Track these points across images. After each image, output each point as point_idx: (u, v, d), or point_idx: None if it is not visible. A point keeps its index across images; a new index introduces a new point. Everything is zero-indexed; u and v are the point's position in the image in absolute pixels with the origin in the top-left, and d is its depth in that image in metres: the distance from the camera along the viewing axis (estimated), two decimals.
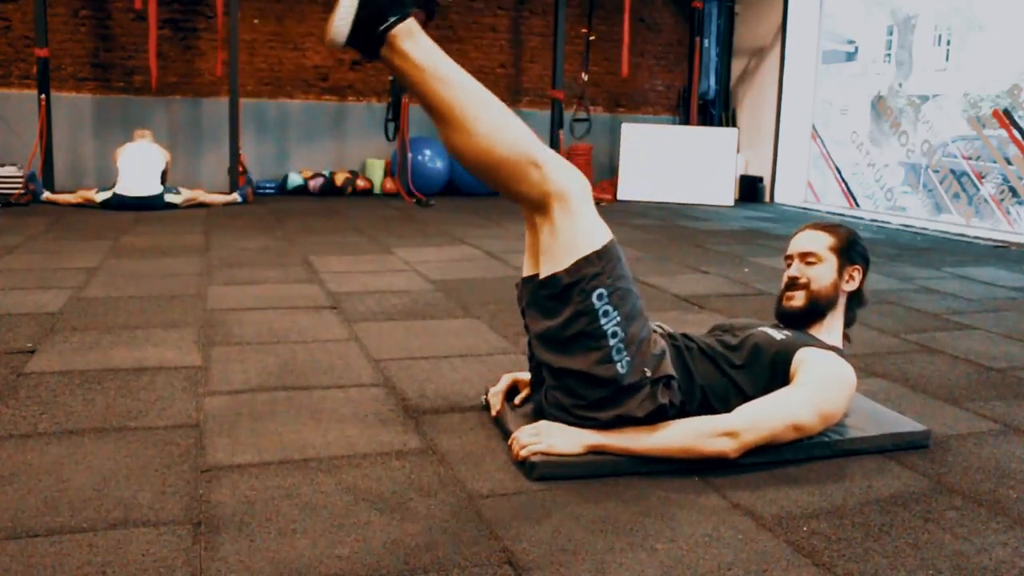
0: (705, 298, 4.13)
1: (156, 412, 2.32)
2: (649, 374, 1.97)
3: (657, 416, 1.98)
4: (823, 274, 2.27)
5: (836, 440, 2.14)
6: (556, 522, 1.74)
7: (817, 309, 2.27)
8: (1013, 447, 2.26)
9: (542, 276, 2.00)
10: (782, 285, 2.35)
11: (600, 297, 1.94)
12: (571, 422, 2.02)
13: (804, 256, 2.29)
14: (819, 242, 2.29)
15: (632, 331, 1.97)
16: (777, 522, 1.78)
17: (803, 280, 2.28)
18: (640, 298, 2.05)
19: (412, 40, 1.93)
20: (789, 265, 2.34)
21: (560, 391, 2.04)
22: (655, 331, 2.24)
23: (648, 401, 1.97)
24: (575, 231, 1.96)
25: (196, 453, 2.04)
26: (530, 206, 2.02)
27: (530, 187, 1.97)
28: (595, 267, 1.95)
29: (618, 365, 1.95)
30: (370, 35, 1.89)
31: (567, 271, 1.95)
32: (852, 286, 2.29)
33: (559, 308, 1.97)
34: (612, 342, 1.95)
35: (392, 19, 1.89)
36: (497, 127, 1.98)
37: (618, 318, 1.95)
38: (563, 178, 1.97)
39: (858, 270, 2.29)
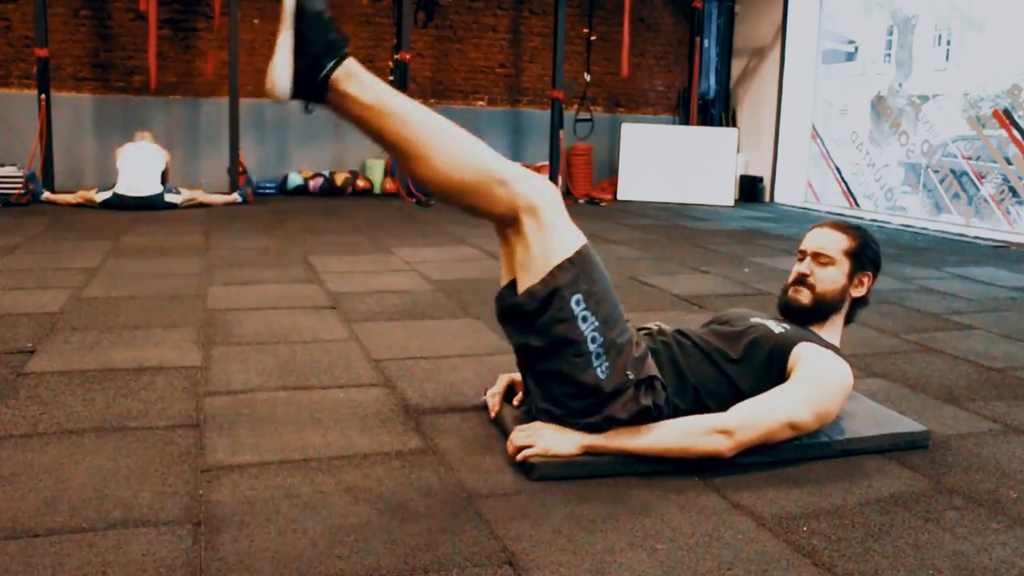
0: (705, 298, 4.13)
1: (156, 412, 2.31)
2: (632, 376, 1.97)
3: (641, 418, 1.98)
4: (833, 277, 2.25)
5: (836, 440, 2.14)
6: (556, 522, 1.74)
7: (821, 310, 2.27)
8: (1013, 447, 2.26)
9: (520, 290, 1.99)
10: (790, 278, 2.32)
11: (578, 303, 1.94)
12: (565, 427, 2.02)
13: (817, 255, 2.27)
14: (835, 243, 2.27)
15: (611, 336, 1.97)
16: (777, 522, 1.78)
17: (812, 279, 2.26)
18: (619, 301, 2.04)
19: (355, 81, 1.92)
20: (801, 260, 2.31)
21: (548, 402, 2.04)
22: (649, 330, 2.24)
23: (631, 403, 1.96)
24: (548, 242, 1.96)
25: (196, 453, 2.04)
26: (501, 222, 2.02)
27: (498, 204, 1.97)
28: (570, 273, 1.95)
29: (598, 371, 1.95)
30: (312, 85, 1.89)
31: (543, 281, 1.95)
32: (860, 292, 2.28)
33: (538, 318, 1.97)
34: (591, 347, 1.95)
35: (329, 64, 1.88)
36: (455, 151, 1.97)
37: (596, 323, 1.95)
38: (530, 191, 1.96)
39: (868, 276, 2.28)
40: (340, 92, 1.91)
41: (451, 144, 1.98)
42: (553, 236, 1.96)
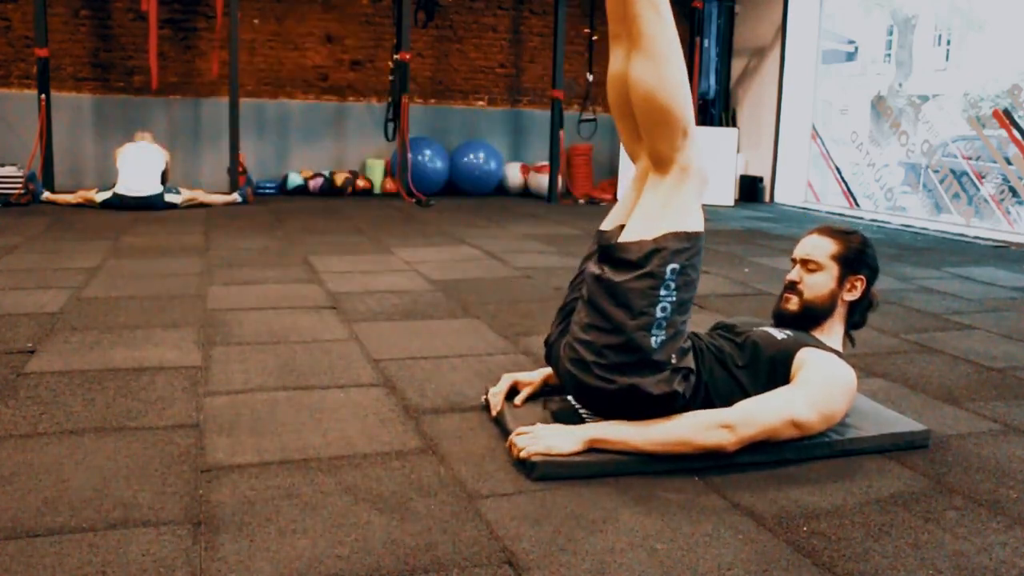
0: (705, 298, 4.13)
1: (156, 412, 2.31)
2: (674, 361, 2.00)
3: (667, 400, 1.99)
4: (820, 282, 2.27)
5: (836, 440, 2.15)
6: (556, 522, 1.74)
7: (811, 315, 2.28)
8: (1013, 447, 2.26)
9: (628, 236, 2.03)
10: (783, 286, 2.36)
11: (673, 272, 1.99)
12: (580, 386, 2.03)
13: (805, 262, 2.30)
14: (822, 249, 2.28)
15: (677, 317, 2.01)
16: (777, 522, 1.78)
17: (801, 286, 2.29)
18: (695, 299, 2.09)
19: None
20: (793, 267, 2.35)
21: (584, 346, 2.03)
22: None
23: (664, 383, 1.98)
24: (679, 205, 2.03)
25: (196, 453, 2.04)
26: (655, 160, 2.07)
27: (669, 146, 2.03)
28: (681, 244, 2.00)
29: (654, 338, 1.98)
30: None
31: (655, 239, 1.99)
32: (853, 295, 2.28)
33: (633, 266, 1.99)
34: (659, 315, 1.98)
35: None
36: (680, 79, 2.04)
37: (674, 298, 1.99)
38: (698, 158, 2.06)
39: (861, 280, 2.28)
40: None
41: (681, 71, 2.04)
42: (686, 204, 2.04)
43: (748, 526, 1.75)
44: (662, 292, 1.98)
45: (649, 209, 2.04)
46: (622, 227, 2.09)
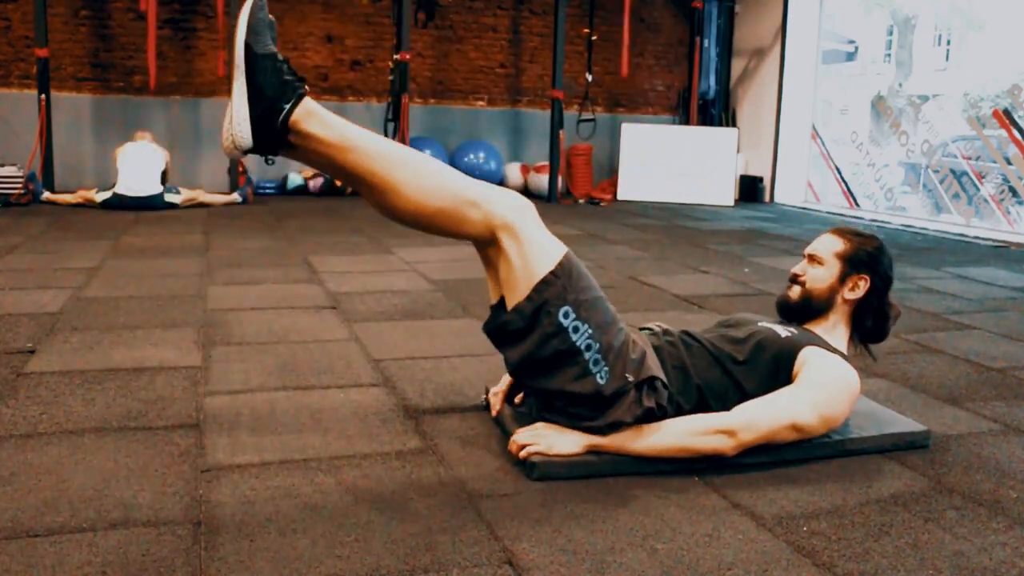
0: (705, 298, 4.13)
1: (156, 412, 2.32)
2: (632, 379, 1.97)
3: (646, 419, 1.98)
4: (821, 276, 2.28)
5: (836, 440, 2.15)
6: (556, 522, 1.74)
7: (809, 307, 2.29)
8: (1013, 447, 2.26)
9: (508, 309, 1.99)
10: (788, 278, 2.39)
11: (566, 315, 1.94)
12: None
13: (812, 257, 2.33)
14: (829, 247, 2.31)
15: (606, 340, 1.97)
16: (777, 522, 1.78)
17: (802, 278, 2.31)
18: (609, 305, 2.04)
19: (316, 119, 1.88)
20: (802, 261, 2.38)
21: (550, 412, 2.05)
22: (652, 329, 2.25)
23: (635, 405, 1.97)
24: (529, 257, 1.95)
25: (196, 453, 2.04)
26: (480, 244, 2.02)
27: (474, 226, 1.97)
28: (555, 286, 1.94)
29: (597, 376, 1.95)
30: (271, 131, 1.84)
31: (528, 298, 1.94)
32: (855, 295, 2.28)
33: (529, 335, 1.97)
34: (588, 355, 1.95)
35: (287, 107, 1.83)
36: (423, 179, 1.94)
37: (589, 331, 1.95)
38: (504, 209, 1.95)
39: (864, 280, 2.27)
40: (302, 133, 1.86)
41: (418, 173, 1.94)
42: (533, 251, 1.95)
43: (748, 526, 1.75)
44: (574, 337, 1.94)
45: (509, 278, 1.98)
46: (502, 298, 2.04)
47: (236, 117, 1.83)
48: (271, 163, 1.96)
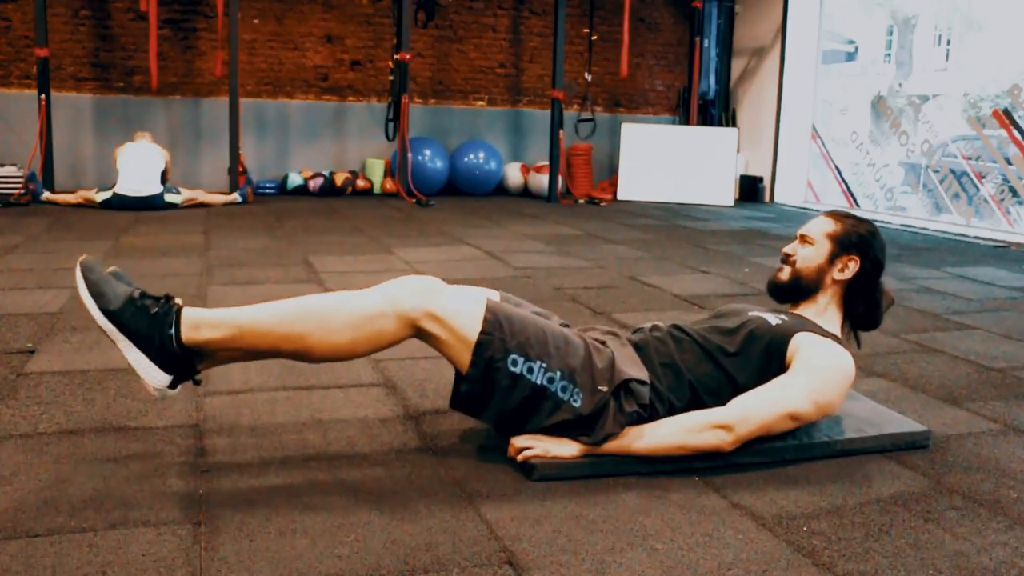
0: (705, 298, 4.13)
1: (156, 412, 2.31)
2: (605, 389, 1.97)
3: (635, 423, 1.99)
4: (810, 256, 2.29)
5: (836, 440, 2.15)
6: (556, 522, 1.74)
7: (799, 286, 2.29)
8: (1013, 447, 2.26)
9: (461, 384, 1.99)
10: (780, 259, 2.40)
11: (514, 363, 1.94)
12: None
13: (802, 237, 2.33)
14: (819, 227, 2.32)
15: (566, 364, 1.97)
16: (777, 522, 1.78)
17: (792, 258, 2.32)
18: (554, 325, 2.04)
19: (203, 326, 1.87)
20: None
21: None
22: (642, 328, 2.24)
23: (619, 414, 1.97)
24: (455, 330, 1.93)
25: (196, 453, 2.04)
26: (414, 337, 1.98)
27: (395, 332, 1.94)
28: (493, 342, 1.93)
29: (572, 401, 1.96)
30: (176, 358, 1.86)
31: (472, 364, 1.94)
32: (844, 275, 2.27)
33: (492, 395, 1.97)
34: (553, 387, 1.96)
35: (171, 331, 1.85)
36: (327, 323, 1.90)
37: (543, 365, 1.95)
38: (412, 302, 1.92)
39: (854, 260, 2.27)
40: (200, 343, 1.87)
41: (320, 319, 1.91)
42: (458, 321, 1.93)
43: (748, 526, 1.75)
44: (533, 378, 1.94)
45: (453, 354, 1.96)
46: (457, 372, 2.04)
47: (141, 370, 1.86)
48: (199, 383, 1.96)
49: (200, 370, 1.93)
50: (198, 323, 1.88)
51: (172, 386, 1.90)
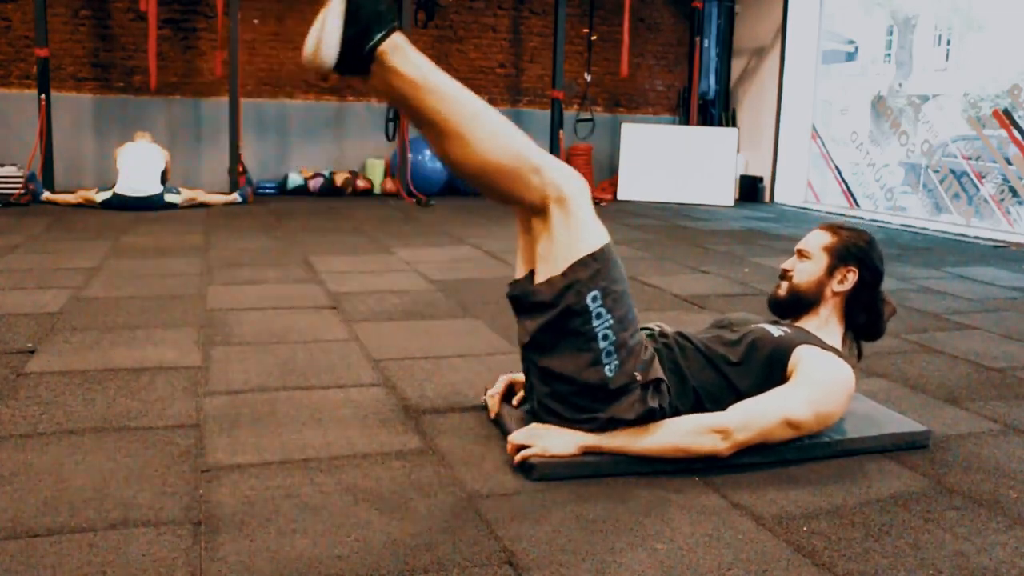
0: (705, 298, 4.13)
1: (156, 412, 2.31)
2: (639, 378, 1.98)
3: (647, 418, 1.99)
4: (809, 270, 2.29)
5: (836, 440, 2.15)
6: (556, 522, 1.74)
7: (798, 301, 2.29)
8: (1013, 447, 2.26)
9: (538, 280, 2.00)
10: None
11: (594, 299, 1.95)
12: (567, 425, 2.03)
13: (800, 252, 2.34)
14: (816, 241, 2.32)
15: (623, 336, 1.98)
16: (777, 522, 1.78)
17: (790, 273, 2.33)
18: (633, 304, 2.05)
19: (401, 55, 1.87)
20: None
21: (552, 399, 2.05)
22: (650, 330, 2.24)
23: (639, 403, 1.97)
24: (572, 234, 1.96)
25: (196, 453, 2.04)
26: (529, 210, 2.02)
27: (529, 192, 1.96)
28: (590, 269, 1.95)
29: (606, 368, 1.96)
30: (358, 55, 1.83)
31: (563, 274, 1.96)
32: (843, 287, 2.28)
33: (553, 308, 1.97)
34: (603, 345, 1.96)
35: (378, 35, 1.82)
36: (493, 134, 1.95)
37: (610, 321, 1.96)
38: (562, 181, 1.97)
39: (852, 271, 2.27)
40: (386, 65, 1.86)
41: (490, 127, 1.95)
42: (579, 229, 1.97)
43: (748, 526, 1.75)
44: (595, 323, 1.95)
45: (548, 251, 1.98)
46: (532, 272, 2.05)
47: (327, 35, 1.81)
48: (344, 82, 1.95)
49: (354, 76, 1.87)
50: (399, 47, 1.85)
51: (332, 65, 1.84)
